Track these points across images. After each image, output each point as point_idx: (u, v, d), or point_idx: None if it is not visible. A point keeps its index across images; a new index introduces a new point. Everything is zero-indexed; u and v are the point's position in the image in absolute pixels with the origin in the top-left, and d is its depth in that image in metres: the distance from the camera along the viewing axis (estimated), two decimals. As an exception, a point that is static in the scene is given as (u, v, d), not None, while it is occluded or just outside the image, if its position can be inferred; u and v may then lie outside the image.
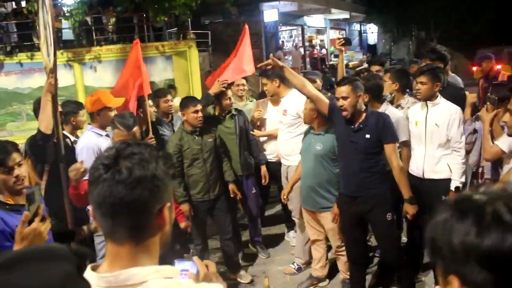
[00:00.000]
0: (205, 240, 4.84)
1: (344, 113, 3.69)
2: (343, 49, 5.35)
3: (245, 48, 5.55)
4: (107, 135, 4.09)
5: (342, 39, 5.47)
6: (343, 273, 4.42)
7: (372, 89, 4.11)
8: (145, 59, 10.27)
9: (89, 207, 1.37)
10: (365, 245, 4.48)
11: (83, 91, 10.17)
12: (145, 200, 1.16)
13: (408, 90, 4.79)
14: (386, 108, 4.24)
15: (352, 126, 3.74)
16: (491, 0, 25.14)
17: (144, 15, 11.60)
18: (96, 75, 10.47)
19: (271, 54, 4.29)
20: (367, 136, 3.70)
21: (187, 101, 4.53)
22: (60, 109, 3.86)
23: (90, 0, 11.82)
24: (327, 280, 4.63)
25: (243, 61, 5.45)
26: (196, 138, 4.49)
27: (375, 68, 5.46)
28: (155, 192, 1.18)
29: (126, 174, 1.15)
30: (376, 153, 3.76)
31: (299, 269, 4.89)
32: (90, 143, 3.94)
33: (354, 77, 4.47)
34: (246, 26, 5.84)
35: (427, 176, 4.01)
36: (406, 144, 4.19)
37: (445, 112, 3.92)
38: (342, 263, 4.39)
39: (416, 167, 4.08)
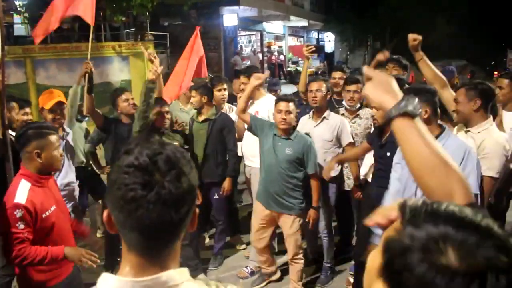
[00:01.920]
0: None
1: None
2: (310, 56, 5.33)
3: (199, 52, 5.80)
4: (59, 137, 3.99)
5: (312, 46, 5.43)
6: (293, 283, 4.41)
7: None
8: (101, 59, 10.16)
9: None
10: None
11: (35, 89, 9.85)
12: (188, 214, 1.09)
13: None
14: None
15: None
16: (444, 14, 26.23)
17: (102, 14, 11.38)
18: (50, 74, 10.16)
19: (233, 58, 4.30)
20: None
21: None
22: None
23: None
24: (279, 272, 4.70)
25: (197, 64, 5.77)
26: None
27: (336, 74, 5.47)
28: (194, 201, 1.11)
29: (170, 194, 1.03)
30: None
31: (252, 273, 4.89)
32: None
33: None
34: (197, 29, 6.00)
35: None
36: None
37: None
38: (295, 271, 4.38)
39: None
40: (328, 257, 4.76)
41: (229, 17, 19.09)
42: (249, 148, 4.96)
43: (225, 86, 5.46)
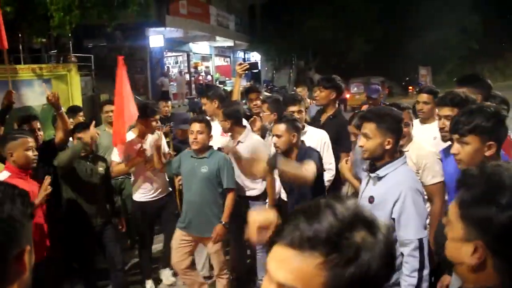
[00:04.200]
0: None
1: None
2: (243, 74, 5.36)
3: (127, 86, 5.17)
4: None
5: (246, 64, 5.40)
6: None
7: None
8: (20, 82, 9.73)
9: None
10: None
11: None
12: (1, 245, 1.01)
13: None
14: (247, 134, 4.55)
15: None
16: (362, 33, 27.74)
17: (20, 35, 10.95)
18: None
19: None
20: None
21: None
22: None
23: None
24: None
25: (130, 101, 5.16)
26: (88, 163, 4.43)
27: (252, 95, 5.55)
28: (12, 235, 1.03)
29: None
30: None
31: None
32: None
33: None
34: (121, 59, 5.18)
35: None
36: None
37: (315, 139, 4.23)
38: (222, 286, 4.43)
39: None
40: (262, 273, 4.81)
41: (155, 38, 19.00)
42: None
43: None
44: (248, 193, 4.61)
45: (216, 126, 5.02)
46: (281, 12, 27.35)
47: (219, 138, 5.00)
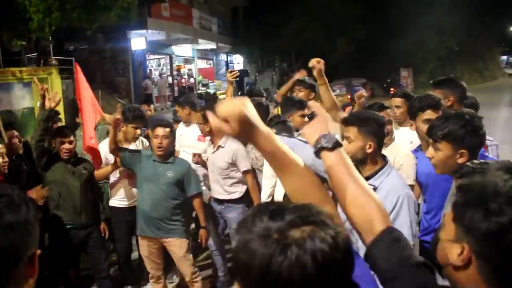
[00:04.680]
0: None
1: None
2: (233, 82, 5.29)
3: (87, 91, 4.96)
4: None
5: (236, 72, 5.38)
6: None
7: None
8: (0, 85, 9.60)
9: None
10: None
11: None
12: (17, 248, 1.04)
13: None
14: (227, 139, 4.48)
15: None
16: (344, 35, 27.97)
17: (-1, 38, 10.81)
18: None
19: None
20: None
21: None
22: None
23: None
24: None
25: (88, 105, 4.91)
26: (70, 166, 4.33)
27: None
28: (27, 237, 1.06)
29: None
30: None
31: None
32: None
33: None
34: (77, 66, 5.04)
35: None
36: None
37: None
38: None
39: None
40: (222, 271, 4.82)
41: (137, 41, 18.90)
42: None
43: None
44: (228, 197, 4.58)
45: (193, 131, 5.04)
46: (264, 14, 27.40)
47: (195, 143, 5.02)
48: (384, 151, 3.32)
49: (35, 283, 1.11)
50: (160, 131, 4.17)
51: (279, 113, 4.91)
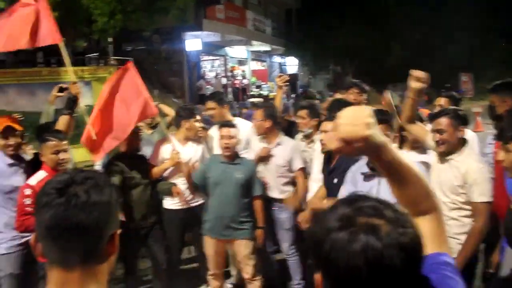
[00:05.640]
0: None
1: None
2: (283, 86, 5.28)
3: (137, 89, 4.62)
4: (12, 164, 3.92)
5: (286, 77, 5.38)
6: None
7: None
8: (63, 83, 10.00)
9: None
10: None
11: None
12: (101, 225, 1.16)
13: None
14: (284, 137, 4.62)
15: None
16: (399, 39, 27.26)
17: (64, 39, 11.28)
18: (9, 99, 9.91)
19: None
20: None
21: None
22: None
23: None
24: None
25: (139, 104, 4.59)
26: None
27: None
28: (109, 217, 1.18)
29: (84, 198, 1.14)
30: None
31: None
32: None
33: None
34: (130, 64, 4.84)
35: None
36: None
37: None
38: None
39: None
40: (297, 277, 4.77)
41: (192, 42, 19.19)
42: None
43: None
44: (281, 196, 4.60)
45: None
46: (318, 17, 27.15)
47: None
48: (458, 163, 3.21)
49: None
50: (225, 131, 4.20)
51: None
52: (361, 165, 3.26)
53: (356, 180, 3.22)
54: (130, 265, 4.58)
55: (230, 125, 4.29)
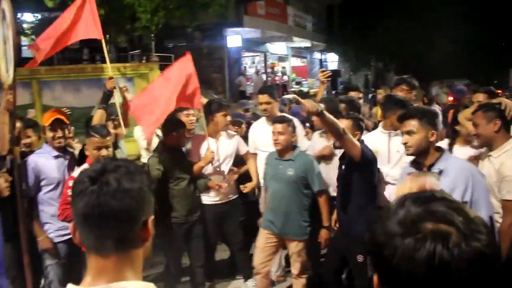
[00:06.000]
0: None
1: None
2: (325, 81, 5.23)
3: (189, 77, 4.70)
4: (58, 156, 4.03)
5: (328, 72, 5.32)
6: None
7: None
8: (105, 80, 10.26)
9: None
10: None
11: (41, 110, 9.91)
12: (133, 211, 1.19)
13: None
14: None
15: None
16: (444, 34, 26.45)
17: (108, 36, 11.56)
18: (55, 95, 10.23)
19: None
20: None
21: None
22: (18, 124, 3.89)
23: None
24: None
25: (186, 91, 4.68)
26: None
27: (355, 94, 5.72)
28: (141, 203, 1.21)
29: (115, 185, 1.17)
30: None
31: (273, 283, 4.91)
32: (29, 160, 3.97)
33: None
34: (189, 54, 4.83)
35: None
36: None
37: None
38: (300, 286, 4.38)
39: None
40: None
41: (233, 39, 19.27)
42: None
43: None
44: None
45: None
46: (359, 12, 26.69)
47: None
48: (494, 159, 3.11)
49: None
50: (274, 127, 4.17)
51: (379, 113, 4.78)
52: (406, 166, 3.29)
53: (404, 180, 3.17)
54: (172, 260, 4.63)
55: (281, 120, 4.21)
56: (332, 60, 31.51)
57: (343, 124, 3.57)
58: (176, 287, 4.72)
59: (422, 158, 3.03)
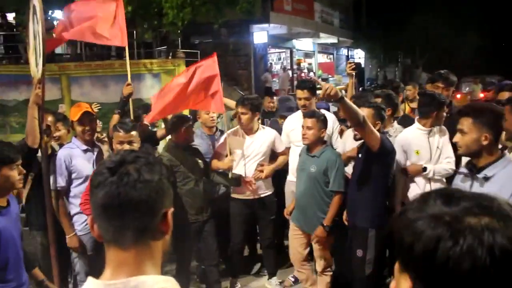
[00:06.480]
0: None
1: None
2: (353, 73, 5.11)
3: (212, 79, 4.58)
4: (87, 150, 4.09)
5: (353, 63, 5.21)
6: None
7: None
8: (134, 76, 10.33)
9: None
10: None
11: (69, 105, 10.10)
12: (152, 202, 1.18)
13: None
14: None
15: None
16: (475, 29, 25.83)
17: (135, 32, 11.70)
18: (84, 90, 10.42)
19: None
20: None
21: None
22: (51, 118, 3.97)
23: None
24: None
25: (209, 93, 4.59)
26: (189, 155, 4.50)
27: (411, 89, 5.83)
28: (161, 195, 1.20)
29: (135, 176, 1.16)
30: None
31: (296, 281, 4.90)
32: (60, 154, 4.03)
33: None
34: (215, 55, 4.77)
35: None
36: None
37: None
38: (324, 283, 4.37)
39: None
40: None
41: (259, 35, 19.24)
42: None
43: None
44: None
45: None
46: (387, 8, 26.30)
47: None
48: None
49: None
50: (303, 121, 4.16)
51: (407, 109, 4.71)
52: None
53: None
54: (182, 259, 4.60)
55: (310, 115, 4.15)
56: (360, 57, 31.19)
57: (364, 112, 3.48)
58: (188, 287, 4.70)
59: (475, 160, 2.73)
